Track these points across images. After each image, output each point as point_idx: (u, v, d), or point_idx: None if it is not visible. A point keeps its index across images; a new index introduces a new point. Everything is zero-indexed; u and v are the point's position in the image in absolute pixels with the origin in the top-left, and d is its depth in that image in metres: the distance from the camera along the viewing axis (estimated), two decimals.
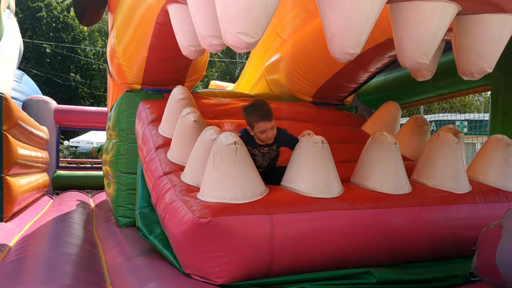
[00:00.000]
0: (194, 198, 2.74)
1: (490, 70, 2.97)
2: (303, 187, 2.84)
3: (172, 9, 3.23)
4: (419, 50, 2.72)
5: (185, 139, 3.38)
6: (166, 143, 3.68)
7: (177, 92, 3.85)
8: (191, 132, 3.36)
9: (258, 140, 3.11)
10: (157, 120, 4.02)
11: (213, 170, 2.68)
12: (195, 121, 3.42)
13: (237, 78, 9.59)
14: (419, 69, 3.10)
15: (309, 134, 2.94)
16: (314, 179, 2.85)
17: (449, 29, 3.02)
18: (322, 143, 2.86)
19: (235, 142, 2.67)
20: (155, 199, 3.25)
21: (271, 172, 3.23)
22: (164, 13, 3.39)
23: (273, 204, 2.66)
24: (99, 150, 14.10)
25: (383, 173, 3.08)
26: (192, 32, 2.92)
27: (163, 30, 3.66)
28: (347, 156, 3.79)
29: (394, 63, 4.79)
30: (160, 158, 3.53)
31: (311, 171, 2.86)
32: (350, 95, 5.51)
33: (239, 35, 2.30)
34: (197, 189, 2.93)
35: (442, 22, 2.70)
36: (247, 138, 3.07)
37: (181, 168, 3.28)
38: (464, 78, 3.08)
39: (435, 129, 8.33)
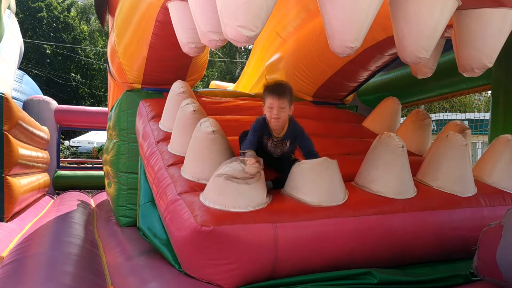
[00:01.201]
0: (196, 198, 2.72)
1: (490, 65, 2.95)
2: (307, 196, 2.77)
3: (172, 6, 3.23)
4: (419, 44, 2.71)
5: (185, 130, 3.33)
6: (167, 137, 3.65)
7: (177, 86, 3.84)
8: (191, 122, 3.31)
9: (271, 129, 2.99)
10: (157, 117, 4.01)
11: (219, 176, 2.64)
12: (194, 110, 3.37)
13: (237, 78, 9.59)
14: (419, 64, 3.09)
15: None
16: (317, 188, 2.78)
17: (449, 26, 3.01)
18: None
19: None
20: (156, 193, 3.23)
21: (283, 163, 3.07)
22: (164, 11, 3.39)
23: (276, 213, 2.63)
24: (99, 150, 14.10)
25: (389, 177, 3.01)
26: (192, 29, 2.92)
27: (163, 28, 3.66)
28: (348, 149, 3.76)
29: (394, 62, 4.79)
30: (161, 151, 3.51)
31: (314, 180, 2.79)
32: (350, 94, 5.51)
33: (239, 28, 2.30)
34: (197, 185, 2.91)
35: (442, 16, 2.70)
36: (263, 124, 2.97)
37: (182, 160, 3.24)
38: (465, 74, 3.06)
39: (435, 129, 8.32)
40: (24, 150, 6.06)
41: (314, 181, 2.80)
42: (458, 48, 3.03)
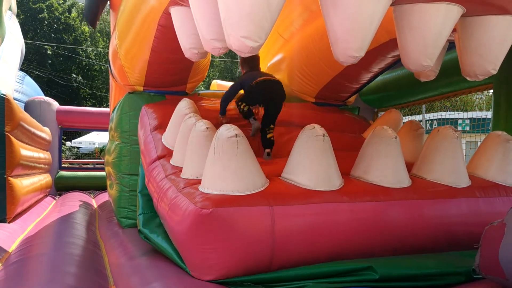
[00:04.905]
0: (195, 190, 2.75)
1: (494, 72, 2.96)
2: (304, 180, 2.85)
3: (175, 11, 3.22)
4: (423, 52, 2.71)
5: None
6: (169, 154, 3.68)
7: (184, 106, 3.84)
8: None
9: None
10: (160, 128, 4.02)
11: (214, 163, 2.69)
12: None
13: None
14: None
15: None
16: (314, 172, 2.86)
17: (453, 30, 3.02)
18: (323, 136, 2.87)
19: (236, 134, 2.68)
20: (157, 199, 3.25)
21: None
22: (167, 15, 3.39)
23: (273, 196, 2.68)
24: (101, 151, 14.10)
25: (383, 167, 3.10)
26: (195, 34, 2.92)
27: (166, 32, 3.66)
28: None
29: (397, 63, 4.78)
30: (163, 165, 3.55)
31: (311, 164, 2.87)
32: (353, 95, 5.50)
33: (242, 39, 2.29)
34: (197, 181, 2.93)
35: (446, 24, 2.70)
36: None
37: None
38: (468, 79, 3.09)
39: None
40: (25, 151, 6.07)
41: (311, 165, 2.87)
42: (462, 54, 3.05)
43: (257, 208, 2.59)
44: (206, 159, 2.85)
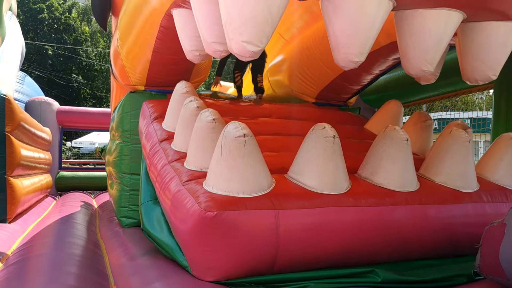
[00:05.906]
0: (200, 186, 2.70)
1: (494, 77, 2.95)
2: (310, 182, 2.78)
3: (177, 13, 3.21)
4: (423, 57, 2.71)
5: (188, 127, 3.30)
6: (170, 137, 3.63)
7: (181, 87, 3.82)
8: (194, 119, 3.26)
9: None
10: (161, 117, 4.00)
11: (221, 162, 2.62)
12: (197, 107, 3.34)
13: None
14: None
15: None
16: (322, 174, 2.79)
17: (454, 34, 3.02)
18: (334, 137, 2.78)
19: (244, 134, 2.59)
20: (159, 190, 3.22)
21: None
22: (168, 17, 3.39)
23: (279, 198, 2.63)
24: (102, 151, 14.12)
25: (392, 169, 3.02)
26: (196, 36, 2.92)
27: (168, 33, 3.66)
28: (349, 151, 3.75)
29: (398, 65, 4.78)
30: (164, 149, 3.50)
31: (319, 166, 2.80)
32: (353, 97, 5.49)
33: (243, 43, 2.29)
34: (201, 174, 2.89)
35: (447, 30, 2.69)
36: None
37: (186, 156, 3.23)
38: (468, 83, 3.08)
39: (437, 128, 8.31)
40: (26, 151, 6.07)
41: (319, 167, 2.80)
42: (463, 59, 3.04)
43: (262, 211, 2.54)
44: (211, 151, 2.78)
